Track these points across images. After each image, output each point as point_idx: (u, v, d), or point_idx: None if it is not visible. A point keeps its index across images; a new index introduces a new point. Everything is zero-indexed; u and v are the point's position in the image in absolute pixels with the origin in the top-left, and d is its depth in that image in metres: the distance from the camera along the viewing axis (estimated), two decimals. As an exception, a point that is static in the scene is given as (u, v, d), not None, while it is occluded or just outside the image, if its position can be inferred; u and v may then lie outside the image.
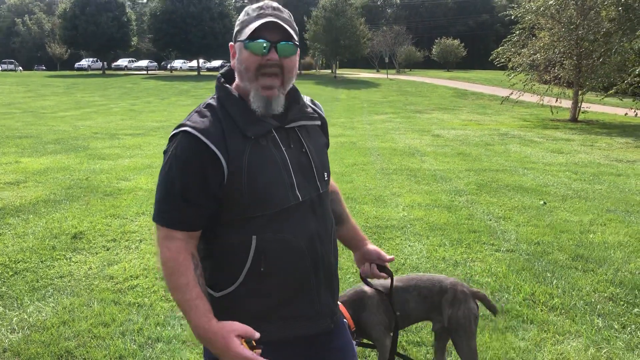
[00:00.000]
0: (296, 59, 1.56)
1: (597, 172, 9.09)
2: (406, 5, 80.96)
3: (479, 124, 17.79)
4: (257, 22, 1.49)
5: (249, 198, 1.47)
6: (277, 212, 1.50)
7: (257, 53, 1.49)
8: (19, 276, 4.26)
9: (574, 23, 18.54)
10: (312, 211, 1.57)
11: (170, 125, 15.88)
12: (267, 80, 1.50)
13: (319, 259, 1.57)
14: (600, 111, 22.80)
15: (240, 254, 1.50)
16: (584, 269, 4.56)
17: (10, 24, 78.55)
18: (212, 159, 1.45)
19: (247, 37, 1.50)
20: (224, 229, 1.52)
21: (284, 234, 1.51)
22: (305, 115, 1.65)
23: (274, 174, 1.50)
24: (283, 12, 1.55)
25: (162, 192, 1.51)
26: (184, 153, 1.47)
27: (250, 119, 1.51)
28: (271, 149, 1.52)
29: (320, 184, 1.62)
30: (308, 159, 1.59)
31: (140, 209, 6.28)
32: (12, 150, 10.31)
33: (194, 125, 1.48)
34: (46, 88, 32.83)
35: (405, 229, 5.67)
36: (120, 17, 51.89)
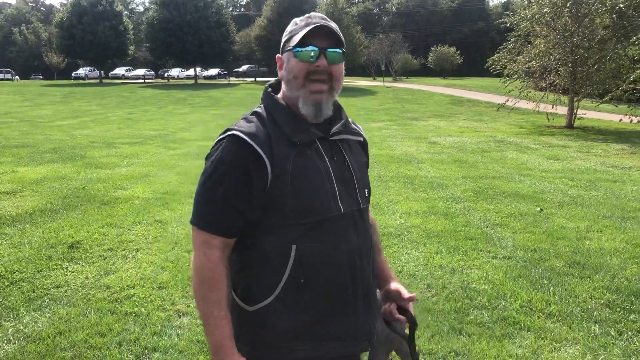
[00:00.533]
0: (343, 67, 1.57)
1: (593, 178, 9.11)
2: (402, 14, 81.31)
3: (475, 131, 17.84)
4: (306, 29, 1.50)
5: (292, 204, 1.46)
6: (319, 221, 1.48)
7: (306, 60, 1.50)
8: (15, 286, 4.24)
9: (568, 30, 18.65)
10: (354, 225, 1.55)
11: (167, 133, 15.88)
12: (316, 86, 1.51)
13: (358, 275, 1.54)
14: (596, 118, 22.87)
15: (279, 264, 1.47)
16: (580, 275, 4.57)
17: (7, 33, 78.56)
18: (258, 162, 1.45)
19: (295, 44, 1.50)
20: (263, 237, 1.50)
21: (324, 244, 1.48)
22: (349, 129, 1.65)
23: (317, 182, 1.49)
24: (330, 22, 1.56)
25: (204, 195, 1.50)
26: (229, 155, 1.47)
27: (296, 126, 1.52)
28: (315, 158, 1.52)
29: (361, 199, 1.61)
30: (350, 172, 1.59)
31: (137, 218, 6.27)
32: (8, 160, 10.30)
33: (241, 129, 1.49)
34: (43, 97, 32.82)
35: (402, 236, 5.67)
36: (117, 26, 51.98)
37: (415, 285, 4.33)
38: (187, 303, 3.94)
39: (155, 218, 6.27)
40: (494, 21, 54.00)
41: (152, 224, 6.04)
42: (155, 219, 6.24)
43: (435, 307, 3.90)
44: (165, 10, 49.61)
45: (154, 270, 4.60)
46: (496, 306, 3.93)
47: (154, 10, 52.58)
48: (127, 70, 63.47)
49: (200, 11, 49.58)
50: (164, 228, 5.87)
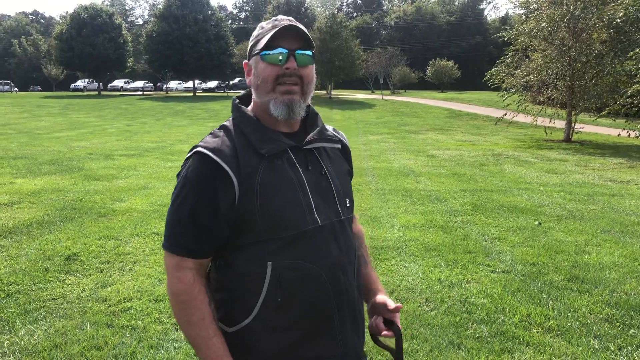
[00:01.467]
0: (313, 70, 1.51)
1: (591, 192, 9.12)
2: (400, 27, 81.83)
3: (473, 144, 17.88)
4: (273, 31, 1.44)
5: (263, 220, 1.38)
6: (294, 235, 1.40)
7: (274, 63, 1.43)
8: (10, 299, 4.21)
9: (566, 45, 18.78)
10: (334, 238, 1.47)
11: (165, 145, 15.89)
12: (286, 86, 1.44)
13: (343, 292, 1.46)
14: (594, 131, 22.97)
15: (255, 283, 1.39)
16: (579, 290, 4.55)
17: (6, 45, 78.89)
18: (223, 177, 1.38)
19: (263, 47, 1.44)
20: (237, 255, 1.43)
21: (302, 260, 1.40)
22: (324, 137, 1.56)
23: (289, 195, 1.41)
24: (298, 23, 1.49)
25: (171, 216, 1.44)
26: (194, 173, 1.41)
27: (264, 137, 1.45)
28: (287, 169, 1.44)
29: (342, 209, 1.53)
30: (328, 181, 1.51)
31: (134, 230, 6.25)
32: (6, 171, 10.28)
33: (206, 145, 1.43)
34: (41, 109, 32.86)
35: (400, 249, 5.65)
36: (117, 39, 52.31)
37: (413, 299, 4.31)
38: (184, 316, 3.91)
39: (153, 230, 6.24)
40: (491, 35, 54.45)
41: (149, 236, 6.01)
42: (153, 231, 6.22)
43: (434, 321, 3.88)
44: (164, 23, 49.96)
45: (151, 283, 4.57)
46: (495, 320, 3.91)
47: (153, 22, 52.94)
48: (125, 82, 63.69)
49: (199, 24, 49.94)
50: (161, 240, 5.84)
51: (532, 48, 20.66)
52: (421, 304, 4.22)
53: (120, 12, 75.08)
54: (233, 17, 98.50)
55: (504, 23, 58.93)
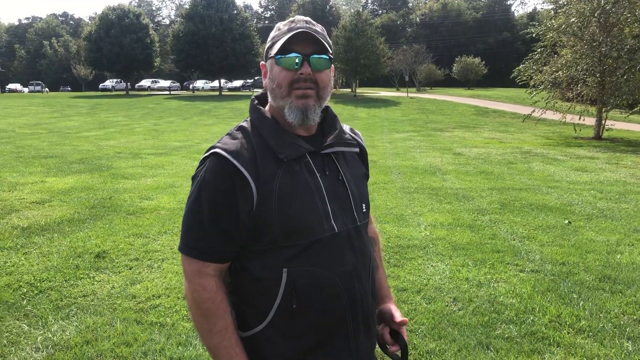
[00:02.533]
0: (330, 73, 1.48)
1: (623, 190, 8.93)
2: (426, 24, 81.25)
3: (500, 142, 17.65)
4: (288, 35, 1.41)
5: (280, 226, 1.36)
6: (310, 242, 1.38)
7: (289, 68, 1.41)
8: (43, 295, 4.30)
9: (596, 40, 18.41)
10: (350, 245, 1.45)
11: (192, 144, 16.05)
12: (301, 91, 1.41)
13: (357, 299, 1.44)
14: (625, 129, 22.48)
15: (270, 289, 1.38)
16: (611, 290, 4.46)
17: (37, 47, 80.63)
18: (242, 182, 1.36)
19: (277, 51, 1.42)
20: (253, 261, 1.41)
21: (317, 267, 1.38)
22: (343, 141, 1.53)
23: (307, 201, 1.39)
24: (315, 25, 1.47)
25: (190, 220, 1.42)
26: (212, 176, 1.39)
27: (283, 141, 1.42)
28: (305, 174, 1.42)
29: (358, 215, 1.50)
30: (345, 187, 1.48)
31: (162, 228, 6.32)
32: (38, 170, 10.50)
33: (224, 147, 1.40)
34: (71, 109, 33.49)
35: (427, 248, 5.61)
36: (144, 39, 52.99)
37: (441, 298, 4.27)
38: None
39: (180, 228, 6.30)
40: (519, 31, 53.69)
41: (177, 233, 6.08)
42: (180, 229, 6.28)
43: (462, 321, 3.84)
44: (190, 23, 50.45)
45: (179, 280, 4.62)
46: (524, 321, 3.85)
47: (179, 23, 53.53)
48: (152, 82, 64.53)
49: (225, 24, 50.30)
50: (189, 238, 5.90)
51: (561, 44, 20.32)
52: (449, 303, 4.19)
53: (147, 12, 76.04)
54: (258, 16, 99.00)
55: (532, 19, 58.05)
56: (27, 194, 8.20)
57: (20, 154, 12.88)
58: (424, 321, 3.84)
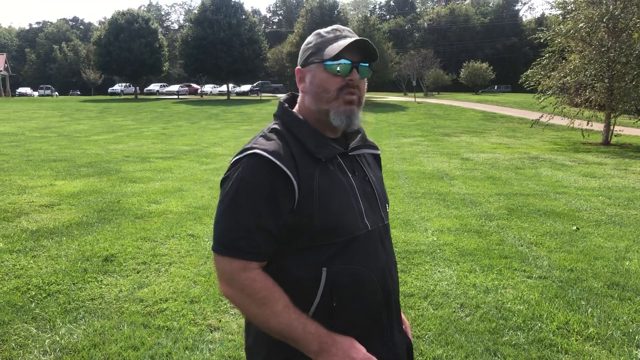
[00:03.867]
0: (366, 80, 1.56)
1: (631, 196, 8.87)
2: (434, 29, 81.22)
3: (508, 147, 17.60)
4: (340, 42, 1.46)
5: (320, 224, 1.39)
6: (348, 240, 1.42)
7: (340, 74, 1.46)
8: (51, 298, 4.33)
9: (605, 45, 18.34)
10: (380, 242, 1.51)
11: (200, 148, 16.10)
12: (348, 96, 1.47)
13: (391, 293, 1.51)
14: (634, 134, 22.36)
15: (309, 288, 1.40)
16: (620, 297, 4.43)
17: (48, 51, 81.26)
18: (284, 181, 1.38)
19: (331, 57, 1.46)
20: (290, 260, 1.42)
21: (355, 265, 1.42)
22: (367, 143, 1.61)
23: (344, 199, 1.45)
24: (358, 37, 1.52)
25: (229, 221, 1.40)
26: (253, 176, 1.38)
27: (318, 142, 1.47)
28: (338, 174, 1.48)
29: (384, 214, 1.58)
30: (371, 187, 1.56)
31: (170, 231, 6.34)
32: (47, 174, 10.57)
33: (263, 148, 1.41)
34: (80, 112, 33.69)
35: (434, 254, 5.60)
36: (153, 44, 53.23)
37: (448, 304, 4.26)
38: (218, 318, 3.96)
39: (188, 232, 6.33)
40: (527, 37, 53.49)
41: (184, 237, 6.10)
42: (188, 232, 6.31)
43: (469, 328, 3.83)
44: (199, 27, 50.67)
45: (186, 284, 4.64)
46: (532, 327, 3.84)
47: (188, 27, 53.77)
48: (161, 86, 64.84)
49: (233, 29, 50.48)
50: (196, 242, 5.93)
51: (569, 49, 20.26)
52: (456, 309, 4.17)
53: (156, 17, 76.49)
54: (266, 21, 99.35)
55: (540, 24, 57.90)
56: (36, 197, 8.25)
57: (30, 158, 12.97)
58: (431, 327, 3.83)
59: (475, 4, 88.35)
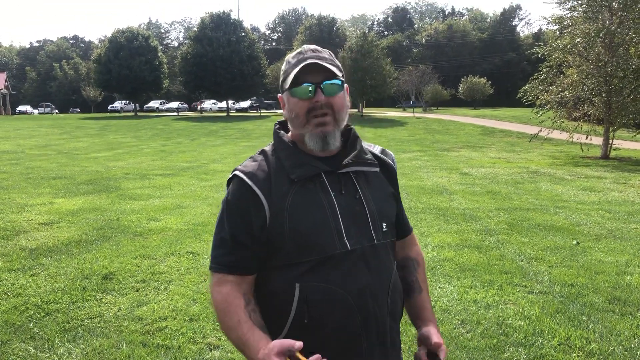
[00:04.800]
0: (344, 95, 1.55)
1: (631, 210, 8.87)
2: (432, 45, 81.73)
3: (507, 161, 17.63)
4: (297, 67, 1.48)
5: (292, 242, 1.44)
6: (322, 259, 1.43)
7: (303, 97, 1.48)
8: (50, 317, 4.30)
9: (602, 60, 18.46)
10: (365, 263, 1.48)
11: (200, 165, 16.12)
12: (318, 119, 1.48)
13: (371, 317, 1.46)
14: (633, 148, 22.40)
15: (285, 303, 1.45)
16: (621, 312, 4.41)
17: (48, 69, 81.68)
18: (256, 200, 1.46)
19: (290, 84, 1.50)
20: (269, 275, 1.50)
21: (329, 284, 1.43)
22: (361, 160, 1.57)
23: (318, 218, 1.45)
24: (322, 52, 1.54)
25: (216, 238, 1.53)
26: (232, 196, 1.51)
27: (297, 162, 1.50)
28: (318, 193, 1.48)
29: (376, 233, 1.52)
30: (362, 205, 1.52)
31: (169, 249, 6.33)
32: (46, 191, 10.57)
33: (243, 169, 1.53)
34: (80, 130, 33.78)
35: (435, 269, 5.58)
36: (152, 61, 53.51)
37: (448, 320, 4.24)
38: (218, 336, 3.93)
39: (188, 249, 6.32)
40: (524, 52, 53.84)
41: (184, 255, 6.09)
42: (188, 250, 6.29)
43: (470, 344, 3.80)
44: (199, 45, 51.00)
45: (185, 302, 4.62)
46: (533, 343, 3.81)
47: (188, 45, 54.13)
48: (161, 103, 65.08)
49: (232, 46, 50.79)
50: (195, 260, 5.91)
51: (566, 64, 20.37)
52: (457, 325, 4.15)
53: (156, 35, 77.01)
54: (265, 38, 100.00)
55: (537, 39, 58.33)
56: (35, 215, 8.24)
57: (30, 175, 12.98)
58: (431, 344, 3.80)
59: (473, 19, 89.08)
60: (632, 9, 17.91)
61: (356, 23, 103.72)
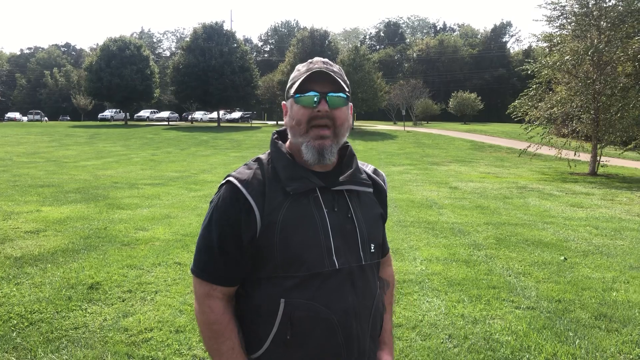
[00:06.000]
0: (347, 111, 1.53)
1: (618, 227, 8.93)
2: (423, 60, 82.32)
3: (496, 176, 17.73)
4: (306, 74, 1.48)
5: (280, 256, 1.41)
6: (309, 276, 1.42)
7: (307, 105, 1.47)
8: (34, 327, 4.25)
9: (590, 78, 18.70)
10: (351, 283, 1.46)
11: (189, 175, 16.07)
12: (318, 131, 1.47)
13: (354, 338, 1.46)
14: (620, 165, 22.62)
15: (268, 317, 1.43)
16: (607, 328, 4.42)
17: (39, 76, 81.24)
18: (248, 210, 1.43)
19: (296, 90, 1.49)
20: (254, 288, 1.47)
21: (314, 301, 1.41)
22: (356, 180, 1.56)
23: (309, 234, 1.43)
24: (333, 66, 1.54)
25: (201, 243, 1.50)
26: (223, 202, 1.47)
27: (293, 175, 1.48)
28: (311, 208, 1.46)
29: (364, 254, 1.52)
30: (353, 225, 1.51)
31: (156, 259, 6.28)
32: (33, 199, 10.48)
33: (237, 176, 1.49)
34: (69, 138, 33.59)
35: (423, 283, 5.58)
36: (144, 70, 53.51)
37: (436, 335, 4.23)
38: (204, 348, 3.89)
39: (175, 260, 6.27)
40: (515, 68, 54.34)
41: (171, 265, 6.04)
42: (175, 260, 6.25)
43: (457, 359, 3.80)
44: (191, 55, 51.08)
45: (172, 314, 4.58)
46: (520, 359, 3.81)
47: (180, 55, 54.15)
48: (151, 112, 64.91)
49: (225, 56, 50.92)
50: (183, 270, 5.87)
51: (555, 81, 20.60)
52: (444, 340, 4.14)
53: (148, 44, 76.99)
54: (258, 49, 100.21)
55: (527, 56, 58.94)
56: (21, 223, 8.16)
57: (17, 183, 12.87)
58: (419, 358, 3.79)
59: (464, 35, 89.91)
60: (619, 29, 18.20)
61: (348, 37, 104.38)
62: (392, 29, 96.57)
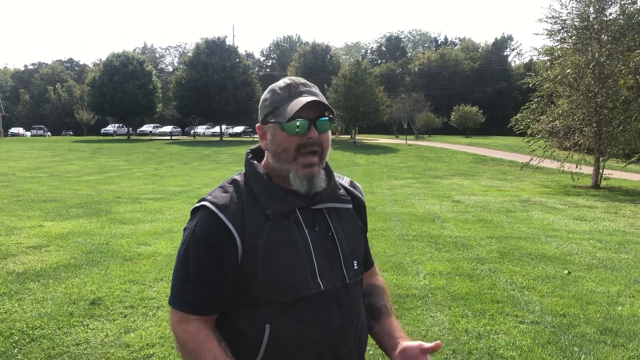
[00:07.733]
0: (330, 132, 1.50)
1: (622, 240, 8.89)
2: (424, 74, 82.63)
3: (499, 190, 17.70)
4: (293, 101, 1.41)
5: (264, 282, 1.37)
6: (295, 300, 1.38)
7: (298, 133, 1.40)
8: (35, 343, 4.22)
9: (592, 91, 18.73)
10: (337, 303, 1.43)
11: (191, 189, 16.08)
12: (307, 159, 1.42)
13: (341, 359, 1.43)
14: (623, 178, 22.58)
15: (253, 344, 1.38)
16: (613, 343, 4.38)
17: (42, 91, 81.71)
18: (228, 237, 1.37)
19: (283, 118, 1.41)
20: (238, 314, 1.42)
21: (301, 325, 1.37)
22: (334, 197, 1.52)
23: (292, 258, 1.39)
24: (313, 87, 1.49)
25: (178, 272, 1.44)
26: (200, 229, 1.41)
27: (272, 197, 1.43)
28: (293, 230, 1.41)
29: (348, 273, 1.48)
30: (335, 244, 1.47)
31: (159, 274, 6.26)
32: (36, 214, 10.48)
33: (213, 200, 1.43)
34: (72, 153, 33.70)
35: (426, 298, 5.55)
36: (147, 85, 53.78)
37: (440, 350, 4.18)
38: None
39: (177, 275, 6.24)
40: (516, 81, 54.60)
41: (173, 281, 6.01)
42: (177, 276, 6.22)
43: (462, 374, 3.76)
44: (193, 70, 51.36)
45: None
46: (525, 374, 3.77)
47: (182, 70, 54.46)
48: (154, 127, 65.16)
49: (227, 71, 51.21)
50: (185, 285, 5.84)
51: (557, 94, 20.63)
52: (448, 355, 4.11)
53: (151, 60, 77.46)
54: (260, 64, 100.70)
55: (528, 69, 59.12)
56: (24, 238, 8.16)
57: (20, 198, 12.88)
58: (422, 374, 3.75)
59: (465, 49, 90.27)
60: (620, 42, 18.27)
61: (350, 51, 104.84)
62: (394, 43, 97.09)
